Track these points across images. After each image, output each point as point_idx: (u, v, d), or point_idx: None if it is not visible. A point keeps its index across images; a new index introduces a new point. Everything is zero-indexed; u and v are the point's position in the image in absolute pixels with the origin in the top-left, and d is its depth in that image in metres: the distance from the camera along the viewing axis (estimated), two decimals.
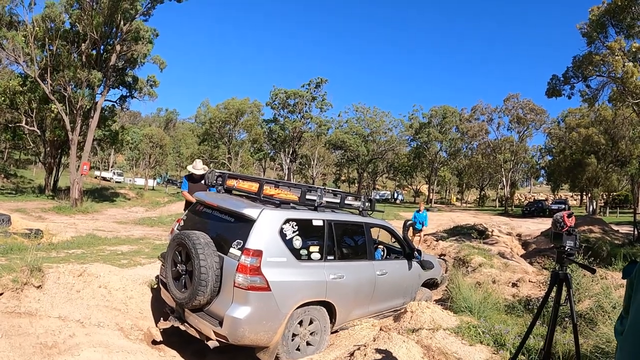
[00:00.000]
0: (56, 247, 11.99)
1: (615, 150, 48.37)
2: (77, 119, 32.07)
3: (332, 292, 6.19)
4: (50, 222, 20.62)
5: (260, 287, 5.40)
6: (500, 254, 16.47)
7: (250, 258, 5.39)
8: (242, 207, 5.89)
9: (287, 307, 5.67)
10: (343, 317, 6.55)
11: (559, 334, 5.26)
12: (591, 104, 25.28)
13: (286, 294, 5.65)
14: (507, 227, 30.98)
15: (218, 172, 7.26)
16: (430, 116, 74.65)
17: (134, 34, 32.27)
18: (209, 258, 5.51)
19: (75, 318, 6.12)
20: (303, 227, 6.07)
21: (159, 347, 6.50)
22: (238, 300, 5.40)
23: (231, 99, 67.86)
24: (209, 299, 5.59)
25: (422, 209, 18.99)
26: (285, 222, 5.85)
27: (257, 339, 5.51)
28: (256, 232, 5.55)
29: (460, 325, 5.65)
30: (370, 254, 7.19)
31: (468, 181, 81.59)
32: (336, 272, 6.28)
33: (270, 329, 5.54)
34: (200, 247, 5.54)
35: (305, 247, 6.04)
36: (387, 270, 7.34)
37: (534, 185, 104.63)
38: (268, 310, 5.50)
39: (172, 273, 6.09)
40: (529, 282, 10.42)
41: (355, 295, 6.69)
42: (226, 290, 5.53)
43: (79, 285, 6.78)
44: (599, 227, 26.15)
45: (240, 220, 5.81)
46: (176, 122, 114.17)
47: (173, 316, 6.20)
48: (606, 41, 21.27)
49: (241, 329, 5.34)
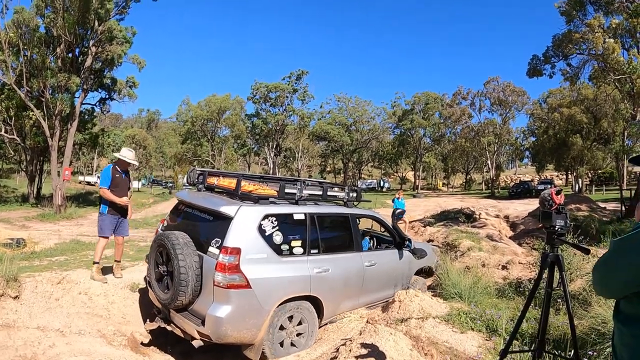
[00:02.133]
0: (39, 256, 11.70)
1: (597, 128, 48.62)
2: (56, 124, 31.58)
3: (317, 287, 6.11)
4: (34, 230, 20.28)
5: (239, 284, 5.34)
6: (489, 237, 16.43)
7: (228, 256, 5.33)
8: (219, 205, 5.85)
9: (269, 303, 5.61)
10: (331, 311, 6.48)
11: (552, 317, 5.14)
12: (572, 83, 25.32)
13: (268, 290, 5.60)
14: (495, 209, 30.98)
15: (199, 170, 7.18)
16: (413, 103, 74.56)
17: (107, 34, 31.72)
18: (188, 258, 5.50)
19: (55, 327, 5.95)
20: (283, 222, 6.00)
21: (144, 351, 6.34)
22: (219, 299, 5.36)
23: (212, 95, 67.79)
24: (191, 299, 5.57)
25: (401, 196, 18.95)
26: (264, 218, 5.79)
27: (241, 336, 5.47)
28: (234, 230, 5.50)
29: (451, 312, 5.50)
30: (357, 245, 7.09)
31: (453, 166, 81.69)
32: (321, 266, 6.20)
33: (253, 326, 5.50)
34: (179, 247, 5.54)
35: (287, 242, 5.97)
36: (376, 260, 7.24)
37: (519, 167, 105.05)
38: (250, 308, 5.45)
39: (155, 274, 6.09)
40: (519, 263, 10.33)
41: (343, 288, 6.62)
42: (207, 289, 5.50)
43: (58, 293, 6.59)
44: (586, 205, 26.23)
45: (219, 219, 5.77)
46: (158, 122, 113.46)
47: (159, 317, 6.21)
48: (585, 19, 21.29)
49: (223, 328, 5.30)
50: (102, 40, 31.71)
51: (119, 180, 7.68)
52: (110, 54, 32.59)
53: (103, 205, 7.58)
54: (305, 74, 65.77)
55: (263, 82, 65.97)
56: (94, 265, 7.52)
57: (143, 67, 36.30)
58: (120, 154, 7.83)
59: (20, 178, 60.20)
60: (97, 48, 31.86)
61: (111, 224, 7.63)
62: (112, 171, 7.61)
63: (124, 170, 7.85)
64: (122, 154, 7.82)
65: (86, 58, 32.04)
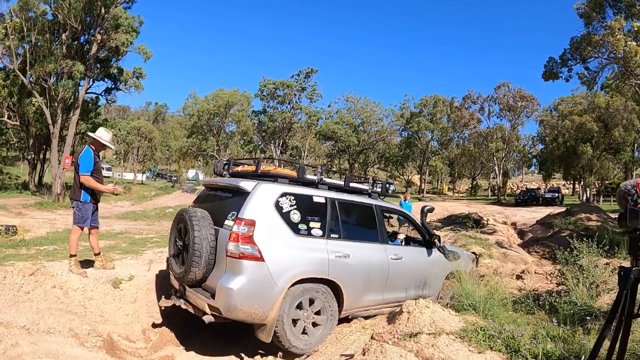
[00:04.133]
0: (27, 244, 11.15)
1: (608, 137, 47.99)
2: (58, 112, 31.21)
3: (336, 271, 6.03)
4: (29, 218, 19.88)
5: (252, 256, 5.36)
6: (498, 244, 15.86)
7: (242, 227, 5.39)
8: (238, 181, 6.05)
9: (282, 280, 5.54)
10: (352, 301, 6.33)
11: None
12: (590, 87, 24.55)
13: (282, 266, 5.56)
14: (502, 216, 30.46)
15: (225, 160, 7.38)
16: (422, 105, 73.97)
17: (113, 22, 31.23)
18: (204, 230, 5.62)
19: (21, 324, 5.34)
20: (302, 203, 6.06)
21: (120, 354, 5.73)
22: (230, 270, 5.41)
23: (219, 90, 67.09)
24: (205, 273, 5.65)
25: (408, 198, 18.39)
26: (282, 196, 5.87)
27: (252, 312, 5.40)
28: (251, 204, 5.60)
29: (466, 327, 4.81)
30: (382, 237, 6.98)
31: (460, 171, 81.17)
32: (340, 251, 6.15)
33: (265, 302, 5.43)
34: (196, 219, 5.68)
35: (305, 222, 5.98)
36: (403, 255, 7.11)
37: (525, 174, 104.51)
38: (262, 282, 5.42)
39: (173, 250, 6.25)
40: (535, 273, 9.73)
41: (366, 278, 6.50)
42: (220, 263, 5.58)
43: (28, 286, 6.00)
44: (597, 215, 25.52)
45: (237, 194, 5.93)
46: (165, 115, 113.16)
47: (175, 295, 6.23)
48: (604, 21, 20.63)
49: (233, 300, 5.28)
50: (107, 28, 31.23)
51: (98, 165, 7.20)
52: (115, 42, 32.10)
53: (85, 193, 7.03)
54: (315, 72, 65.50)
55: (271, 79, 65.56)
56: (72, 258, 6.93)
57: (149, 57, 35.87)
58: (97, 134, 7.33)
59: (23, 166, 60.05)
60: (103, 36, 31.38)
61: (92, 214, 7.14)
62: (93, 156, 7.09)
63: (99, 153, 7.33)
64: (99, 134, 7.32)
65: (91, 46, 31.62)
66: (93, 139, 7.28)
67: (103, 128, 7.60)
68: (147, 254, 8.80)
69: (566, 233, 16.76)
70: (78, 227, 7.03)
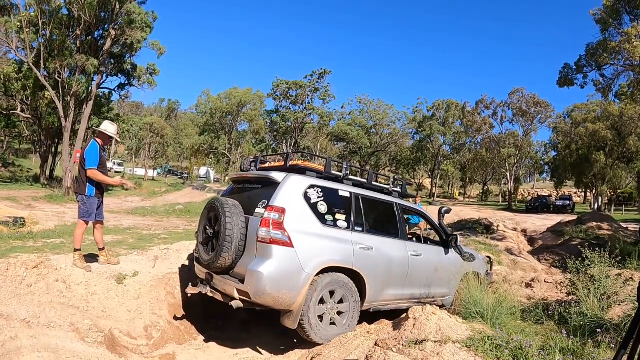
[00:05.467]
0: (35, 237, 11.21)
1: (622, 146, 47.52)
2: (71, 106, 31.35)
3: (360, 262, 6.23)
4: (39, 211, 19.96)
5: (282, 241, 5.58)
6: (508, 250, 15.71)
7: (273, 213, 5.63)
8: (269, 172, 6.31)
9: (310, 267, 5.73)
10: (374, 293, 6.51)
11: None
12: (605, 94, 24.26)
13: (309, 253, 5.77)
14: (512, 222, 30.17)
15: (252, 157, 7.59)
16: (434, 109, 73.68)
17: (127, 18, 31.30)
18: (235, 217, 5.86)
19: (21, 317, 5.29)
20: (329, 195, 6.30)
21: (121, 351, 5.65)
22: (261, 255, 5.60)
23: (233, 88, 67.25)
24: (234, 259, 5.87)
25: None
26: (310, 187, 6.12)
27: (280, 297, 5.57)
28: (281, 193, 5.84)
29: (473, 336, 4.66)
30: (402, 234, 7.23)
31: (471, 176, 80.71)
32: (364, 243, 6.36)
33: (293, 288, 5.62)
34: (228, 207, 5.94)
35: (331, 214, 6.22)
36: (422, 252, 7.35)
37: (537, 181, 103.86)
38: (290, 267, 5.62)
39: (202, 239, 6.46)
40: (545, 282, 9.58)
41: (387, 271, 6.71)
42: (250, 249, 5.79)
43: (31, 279, 5.96)
44: (608, 224, 25.21)
45: (268, 185, 6.16)
46: (178, 112, 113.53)
47: (202, 284, 6.39)
48: (620, 28, 20.38)
49: (263, 284, 5.47)
50: (121, 23, 31.33)
51: (103, 159, 7.17)
52: (129, 38, 32.18)
53: (90, 187, 7.01)
54: (328, 73, 65.30)
55: (284, 79, 65.54)
56: (76, 252, 6.90)
57: (162, 53, 35.93)
58: (102, 127, 7.30)
59: (35, 159, 60.47)
60: (117, 31, 31.49)
61: (97, 208, 7.12)
62: (99, 149, 7.06)
63: (104, 146, 7.30)
64: (104, 127, 7.30)
65: (105, 41, 31.73)
66: (99, 132, 7.26)
67: (108, 121, 7.63)
68: (153, 251, 8.76)
69: (577, 242, 16.59)
70: (83, 222, 7.02)
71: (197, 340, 6.76)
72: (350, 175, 6.97)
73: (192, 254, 8.14)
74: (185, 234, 13.45)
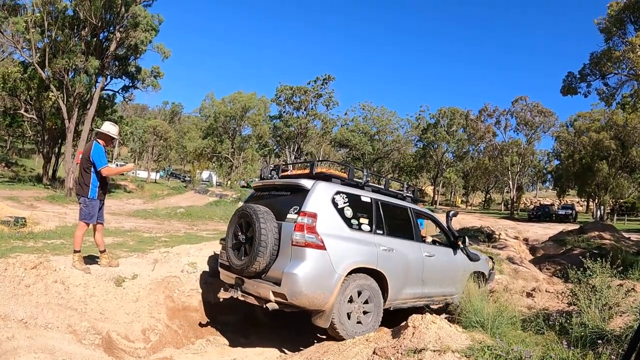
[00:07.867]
0: (35, 237, 11.15)
1: (625, 156, 47.44)
2: (75, 107, 31.41)
3: (383, 263, 6.51)
4: (40, 211, 19.92)
5: (316, 244, 5.82)
6: (510, 259, 15.65)
7: (307, 218, 5.89)
8: (298, 179, 6.59)
9: (341, 268, 5.98)
10: (395, 292, 6.78)
11: None
12: (608, 103, 24.21)
13: (340, 255, 6.02)
14: (514, 231, 30.12)
15: (272, 166, 7.79)
16: (438, 116, 73.68)
17: (132, 20, 31.39)
18: (269, 222, 6.06)
19: (19, 317, 5.28)
20: (353, 201, 6.57)
21: (118, 354, 5.63)
22: (296, 258, 5.83)
23: (237, 92, 67.19)
24: (267, 264, 6.05)
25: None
26: (337, 194, 6.40)
27: (314, 298, 5.79)
28: (312, 199, 6.09)
29: (472, 345, 4.61)
30: (417, 236, 7.57)
31: (474, 184, 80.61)
32: (386, 245, 6.66)
33: (326, 288, 5.86)
34: (261, 213, 6.13)
35: (356, 218, 6.49)
36: (434, 253, 7.72)
37: (539, 190, 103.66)
38: (324, 269, 5.86)
39: (233, 245, 6.60)
40: (546, 292, 9.50)
41: (406, 271, 7.02)
42: (284, 254, 5.99)
43: (29, 279, 5.93)
44: (610, 234, 25.11)
45: (297, 191, 6.41)
46: (181, 115, 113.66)
47: (232, 288, 6.55)
48: (625, 37, 20.38)
49: (299, 285, 5.69)
50: (127, 26, 31.40)
51: (107, 158, 7.33)
52: (134, 41, 32.26)
53: (93, 190, 7.09)
54: (331, 79, 65.40)
55: (288, 85, 65.58)
56: (76, 254, 6.90)
57: (167, 56, 36.03)
58: (104, 128, 7.36)
59: (38, 159, 60.57)
60: (122, 34, 31.57)
61: (98, 210, 7.17)
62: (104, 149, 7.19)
63: (105, 148, 7.37)
64: (106, 128, 7.36)
65: (110, 43, 31.80)
66: (101, 134, 7.29)
67: (108, 122, 7.69)
68: (153, 254, 8.75)
69: (578, 251, 16.53)
70: (84, 223, 7.06)
71: (195, 344, 6.74)
72: (370, 183, 7.24)
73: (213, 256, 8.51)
74: (186, 237, 13.42)
